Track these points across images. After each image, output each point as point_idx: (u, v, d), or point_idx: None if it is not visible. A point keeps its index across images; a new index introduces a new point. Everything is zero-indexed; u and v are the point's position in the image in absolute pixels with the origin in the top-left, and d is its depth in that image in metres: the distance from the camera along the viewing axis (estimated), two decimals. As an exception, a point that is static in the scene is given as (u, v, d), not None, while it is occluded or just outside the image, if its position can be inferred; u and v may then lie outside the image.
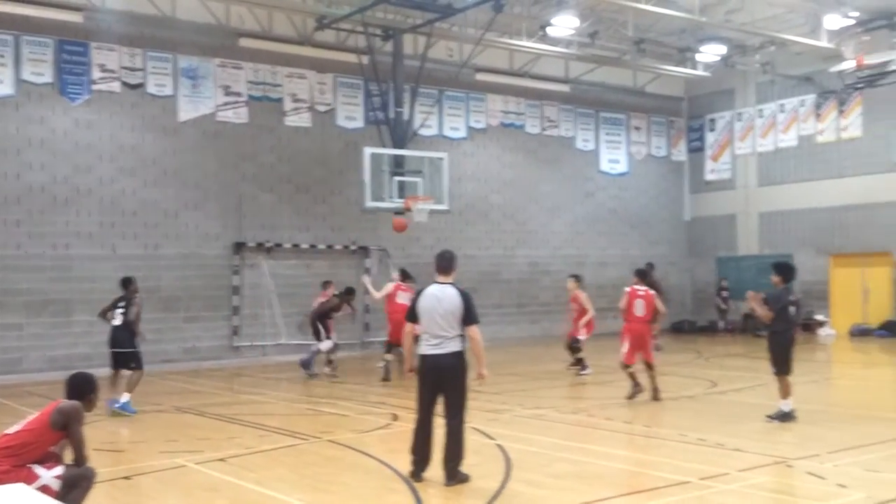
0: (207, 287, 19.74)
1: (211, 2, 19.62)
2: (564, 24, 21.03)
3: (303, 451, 9.58)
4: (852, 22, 21.11)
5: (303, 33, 21.07)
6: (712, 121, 28.50)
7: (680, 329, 27.01)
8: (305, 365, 16.69)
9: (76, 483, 6.02)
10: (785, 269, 10.93)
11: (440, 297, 7.86)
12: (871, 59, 22.00)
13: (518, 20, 21.57)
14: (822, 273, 25.24)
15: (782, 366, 10.76)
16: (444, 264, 8.16)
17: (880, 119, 24.15)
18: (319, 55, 21.43)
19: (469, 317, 7.80)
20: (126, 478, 8.31)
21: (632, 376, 12.67)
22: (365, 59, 19.59)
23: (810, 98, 25.75)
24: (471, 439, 9.33)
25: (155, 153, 19.35)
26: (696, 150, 28.87)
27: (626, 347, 12.81)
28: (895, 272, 23.82)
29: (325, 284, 18.80)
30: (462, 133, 24.04)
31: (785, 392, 10.74)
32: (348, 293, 17.84)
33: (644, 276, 13.59)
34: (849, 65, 22.54)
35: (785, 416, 10.66)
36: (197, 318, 19.46)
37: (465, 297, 7.85)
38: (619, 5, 19.96)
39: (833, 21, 21.03)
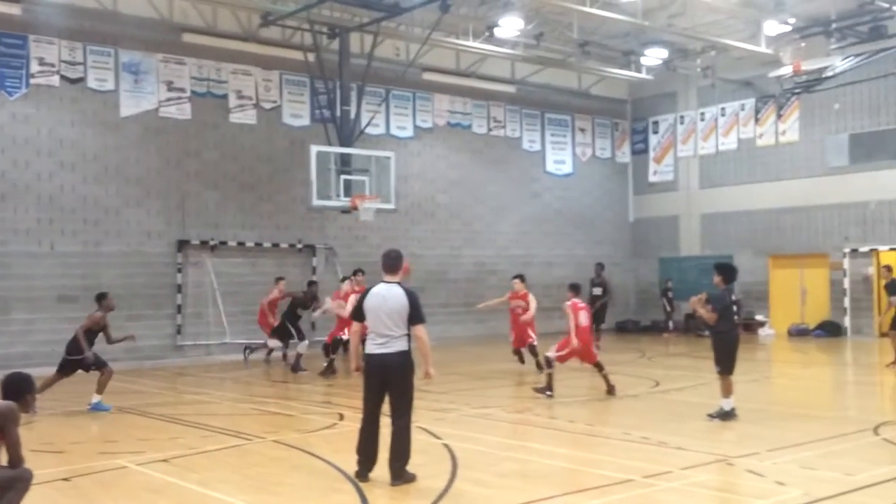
0: (150, 285, 19.41)
1: (154, -4, 19.31)
2: (510, 26, 21.16)
3: (247, 452, 9.48)
4: (790, 28, 21.60)
5: (248, 29, 20.84)
6: (655, 123, 28.94)
7: (624, 329, 27.38)
8: (295, 368, 16.79)
9: (11, 485, 5.87)
10: (726, 270, 11.10)
11: (386, 296, 7.85)
12: (808, 66, 22.55)
13: (464, 20, 21.64)
14: (762, 274, 25.81)
15: (725, 365, 10.89)
16: (390, 263, 8.15)
17: (816, 124, 24.78)
18: (265, 52, 21.22)
19: (415, 316, 7.79)
20: (65, 479, 8.13)
21: (550, 376, 13.06)
22: (311, 57, 19.47)
23: (750, 102, 26.31)
24: (417, 439, 9.33)
25: (96, 149, 18.97)
26: (640, 152, 29.29)
27: (564, 352, 13.12)
28: (832, 273, 24.45)
29: (278, 280, 18.89)
30: (409, 132, 24.03)
31: (726, 391, 10.89)
32: (311, 285, 18.39)
33: (578, 290, 13.81)
34: (786, 70, 23.07)
35: (726, 415, 10.81)
36: (139, 317, 19.10)
37: (412, 297, 7.86)
38: (564, 8, 20.13)
39: (772, 27, 21.50)
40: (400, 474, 7.74)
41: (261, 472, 8.48)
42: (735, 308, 10.96)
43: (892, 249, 23.52)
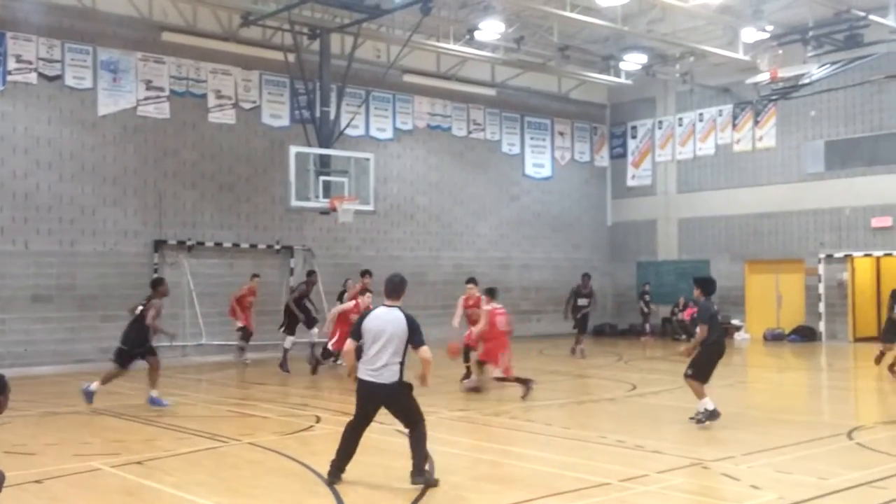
0: (125, 285, 19.19)
1: (133, -6, 19.17)
2: (491, 29, 21.22)
3: (223, 454, 9.42)
4: (767, 36, 21.79)
5: (228, 29, 20.74)
6: (634, 128, 29.09)
7: (601, 332, 27.48)
8: (283, 366, 16.92)
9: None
10: (705, 283, 11.21)
11: (386, 320, 7.82)
12: (785, 73, 22.78)
13: (445, 23, 21.66)
14: (738, 279, 26.00)
15: (701, 373, 10.85)
16: (392, 287, 8.05)
17: (793, 130, 25.01)
18: (245, 52, 21.12)
19: (416, 339, 7.77)
20: (37, 481, 8.03)
21: (518, 380, 13.22)
22: (291, 58, 19.41)
23: (727, 108, 26.52)
24: (395, 441, 9.31)
25: (73, 147, 18.80)
26: (619, 156, 29.43)
27: (503, 360, 13.33)
28: (807, 279, 24.68)
29: (253, 277, 18.97)
30: (389, 134, 24.00)
31: (700, 393, 10.88)
32: (311, 275, 18.73)
33: (494, 294, 13.99)
34: (764, 77, 23.29)
35: (712, 414, 10.69)
36: (114, 318, 18.81)
37: (411, 321, 7.82)
38: (545, 12, 20.24)
39: (749, 34, 21.68)
40: (421, 472, 7.73)
41: (236, 474, 8.43)
42: (718, 317, 11.09)
43: (866, 255, 23.82)
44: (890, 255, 23.34)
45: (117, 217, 19.29)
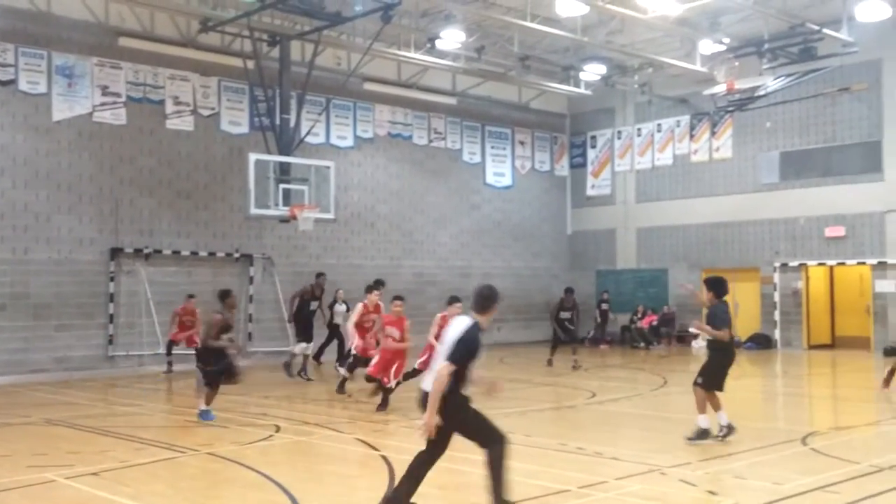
0: (81, 294, 18.95)
1: (90, -2, 18.93)
2: (452, 38, 21.31)
3: (181, 465, 9.30)
4: (724, 48, 22.14)
5: (186, 35, 20.56)
6: (593, 138, 29.35)
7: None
8: (288, 369, 16.94)
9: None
10: (716, 284, 10.59)
11: (452, 327, 6.89)
12: (741, 84, 23.15)
13: (406, 32, 21.69)
14: (695, 287, 26.25)
15: (712, 381, 10.27)
16: (478, 302, 6.94)
17: (749, 141, 25.42)
18: (203, 58, 20.95)
19: (449, 352, 6.68)
20: (-11, 495, 7.88)
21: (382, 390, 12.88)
22: (251, 64, 19.28)
23: (685, 119, 26.88)
24: (355, 451, 9.30)
25: (26, 153, 18.47)
26: (578, 165, 29.66)
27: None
28: (762, 287, 25.06)
29: (188, 298, 18.59)
30: (349, 142, 23.95)
31: (702, 406, 10.27)
32: (320, 277, 18.73)
33: (458, 301, 13.07)
34: (720, 88, 23.64)
35: (703, 434, 10.19)
36: (69, 327, 18.65)
37: (464, 333, 6.74)
38: (505, 22, 20.36)
39: (707, 46, 22.02)
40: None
41: (194, 485, 8.33)
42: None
43: (819, 264, 24.25)
44: (843, 264, 23.80)
45: (72, 224, 18.99)
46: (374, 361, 12.92)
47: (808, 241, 24.15)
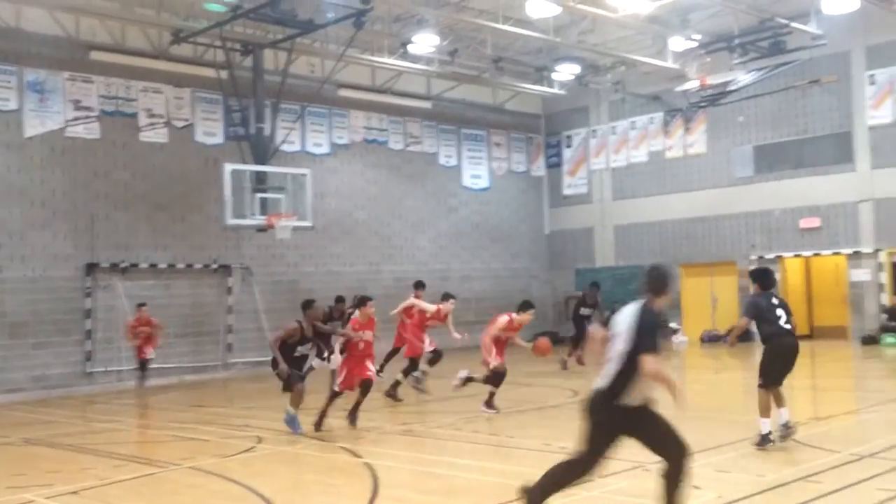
0: (57, 311, 18.77)
1: (59, 13, 18.77)
2: (425, 42, 21.32)
3: (162, 480, 9.22)
4: (695, 44, 22.29)
5: (158, 47, 20.44)
6: (569, 137, 29.45)
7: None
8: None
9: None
10: (762, 276, 10.06)
11: (621, 315, 6.13)
12: (713, 80, 23.33)
13: (379, 37, 21.68)
14: (674, 283, 26.41)
15: (765, 376, 9.68)
16: (652, 283, 6.21)
17: (722, 136, 25.60)
18: (176, 69, 20.84)
19: (640, 342, 5.84)
20: (-32, 518, 7.79)
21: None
22: (224, 74, 19.20)
23: (659, 116, 27.01)
24: (338, 458, 9.27)
25: (-2, 170, 18.31)
26: (554, 165, 29.75)
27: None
28: (740, 280, 25.22)
29: (139, 306, 17.81)
30: (325, 149, 23.90)
31: (766, 410, 9.58)
32: (339, 302, 17.26)
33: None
34: (693, 84, 23.83)
35: (763, 440, 9.54)
36: (46, 344, 18.47)
37: (642, 317, 5.94)
38: (477, 25, 20.40)
39: (678, 43, 22.15)
40: None
41: (176, 500, 8.27)
42: (778, 311, 9.62)
43: (795, 256, 24.45)
44: (818, 254, 24.01)
45: (47, 241, 18.81)
46: (339, 380, 11.86)
47: (784, 234, 24.34)
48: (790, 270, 25.00)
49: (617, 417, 6.00)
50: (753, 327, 9.91)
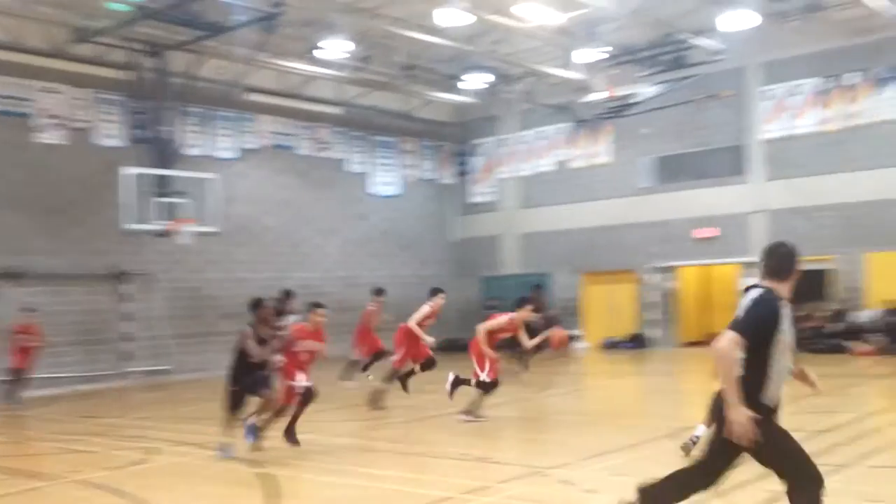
0: (-56, 319, 17.90)
1: (-50, 8, 17.99)
2: (336, 48, 21.13)
3: (46, 495, 8.86)
4: (602, 57, 22.74)
5: (57, 46, 19.75)
6: (479, 146, 29.70)
7: (448, 347, 27.65)
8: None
9: None
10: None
11: (743, 300, 5.23)
12: (619, 92, 23.88)
13: (289, 41, 21.43)
14: (576, 291, 26.93)
15: None
16: (769, 263, 5.28)
17: (627, 147, 26.19)
18: (76, 69, 20.19)
19: (734, 321, 5.03)
20: None
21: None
22: (127, 75, 18.68)
23: (566, 126, 27.46)
24: (235, 469, 9.07)
25: None
26: (464, 173, 29.95)
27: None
28: (639, 288, 25.84)
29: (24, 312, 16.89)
30: (232, 154, 23.50)
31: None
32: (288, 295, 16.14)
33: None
34: (599, 96, 24.35)
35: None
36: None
37: (754, 301, 5.08)
38: (389, 32, 20.37)
39: (585, 55, 22.56)
40: None
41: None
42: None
43: (693, 265, 25.26)
44: (714, 264, 24.79)
45: (-67, 245, 17.95)
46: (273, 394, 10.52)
47: (681, 243, 25.02)
48: (686, 279, 25.77)
49: (765, 416, 5.02)
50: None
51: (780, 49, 22.82)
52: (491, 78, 24.82)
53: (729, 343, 4.80)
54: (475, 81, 24.97)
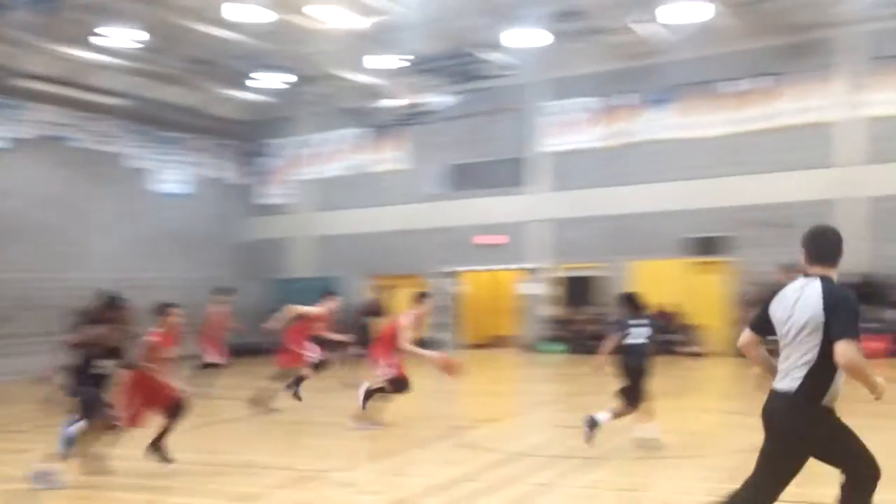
0: None
1: None
2: (123, 36, 20.05)
3: None
4: (400, 65, 23.04)
5: None
6: (274, 146, 29.25)
7: (241, 352, 26.92)
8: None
9: None
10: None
11: (797, 298, 4.89)
12: (414, 99, 24.34)
13: (70, 26, 20.04)
14: (364, 295, 27.13)
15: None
16: (813, 248, 4.99)
17: (423, 153, 26.73)
18: None
19: (835, 328, 4.67)
20: None
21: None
22: None
23: (363, 131, 27.59)
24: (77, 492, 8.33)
25: None
26: (257, 174, 29.37)
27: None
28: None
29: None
30: (2, 143, 21.74)
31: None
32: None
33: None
34: (396, 103, 24.71)
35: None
36: None
37: (832, 298, 4.74)
38: (181, 25, 19.56)
39: (384, 61, 22.77)
40: None
41: None
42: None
43: (477, 270, 26.16)
44: (497, 269, 25.85)
45: None
46: (117, 411, 8.99)
47: (469, 249, 25.82)
48: (472, 284, 26.63)
49: (828, 421, 4.85)
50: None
51: (566, 68, 24.10)
52: (289, 77, 24.45)
53: (854, 353, 4.59)
54: (272, 80, 24.51)
